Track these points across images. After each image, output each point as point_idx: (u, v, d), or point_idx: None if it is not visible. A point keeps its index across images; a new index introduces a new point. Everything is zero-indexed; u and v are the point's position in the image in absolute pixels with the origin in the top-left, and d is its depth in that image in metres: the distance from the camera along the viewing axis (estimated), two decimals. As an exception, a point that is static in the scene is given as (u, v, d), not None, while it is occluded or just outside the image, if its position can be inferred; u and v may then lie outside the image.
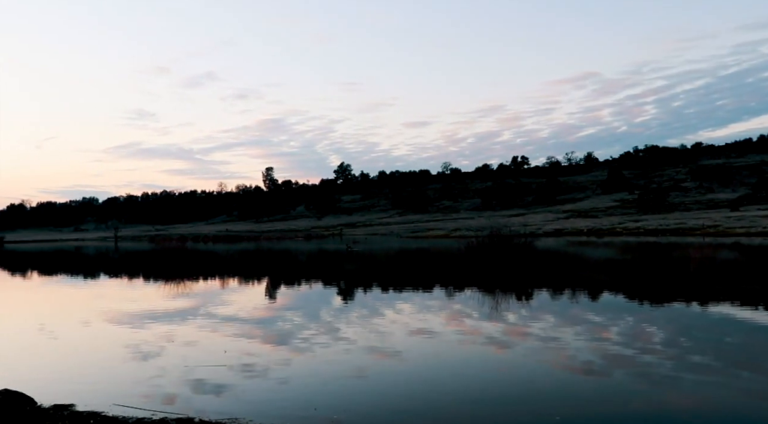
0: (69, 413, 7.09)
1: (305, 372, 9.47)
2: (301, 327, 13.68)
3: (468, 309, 15.90)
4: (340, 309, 16.82)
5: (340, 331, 13.04)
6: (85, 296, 22.90)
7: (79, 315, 16.87)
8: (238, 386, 8.70)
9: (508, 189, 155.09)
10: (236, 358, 10.47)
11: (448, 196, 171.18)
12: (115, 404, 7.67)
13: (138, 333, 13.43)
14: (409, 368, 9.62)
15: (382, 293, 20.74)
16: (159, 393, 8.32)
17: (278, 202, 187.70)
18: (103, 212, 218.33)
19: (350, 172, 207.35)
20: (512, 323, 13.61)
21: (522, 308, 16.25)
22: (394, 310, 16.05)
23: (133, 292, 24.08)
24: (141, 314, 16.57)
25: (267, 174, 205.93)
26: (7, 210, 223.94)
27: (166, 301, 19.56)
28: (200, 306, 17.91)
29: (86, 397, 8.03)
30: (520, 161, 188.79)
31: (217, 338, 12.55)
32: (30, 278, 35.01)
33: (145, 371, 9.73)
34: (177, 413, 7.17)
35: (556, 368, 9.43)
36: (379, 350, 10.92)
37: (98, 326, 14.71)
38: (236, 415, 7.20)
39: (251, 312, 16.44)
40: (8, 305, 21.15)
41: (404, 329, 13.03)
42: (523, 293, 19.26)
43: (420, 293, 20.10)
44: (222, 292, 22.68)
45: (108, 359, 10.87)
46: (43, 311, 18.61)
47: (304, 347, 11.34)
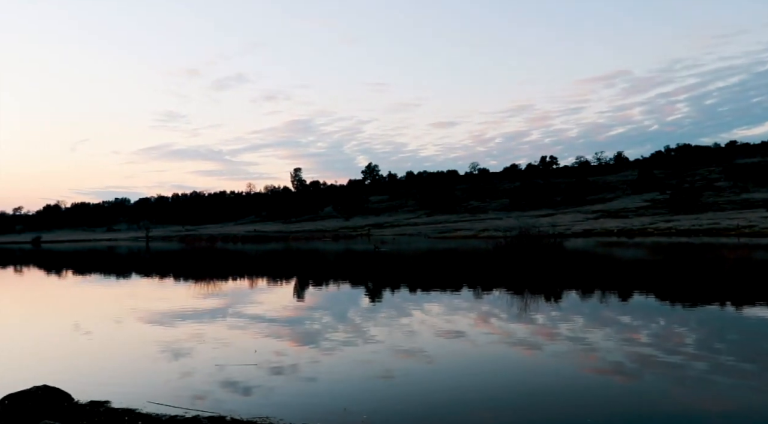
0: (105, 410, 7.26)
1: (334, 372, 9.52)
2: (329, 327, 13.76)
3: (496, 310, 15.82)
4: (367, 310, 16.87)
5: (368, 331, 13.09)
6: (117, 295, 23.34)
7: (112, 314, 17.20)
8: (268, 385, 8.79)
9: (536, 189, 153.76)
10: (265, 357, 10.58)
11: (476, 196, 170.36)
12: (148, 401, 7.82)
13: (169, 332, 13.66)
14: (436, 369, 9.62)
15: (410, 293, 20.74)
16: (190, 391, 8.45)
17: (306, 202, 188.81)
18: (134, 212, 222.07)
19: (378, 172, 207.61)
20: (541, 325, 13.51)
21: (551, 309, 16.11)
22: (422, 310, 16.05)
23: (164, 291, 24.48)
24: (172, 313, 16.84)
25: (295, 175, 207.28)
26: (44, 211, 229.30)
27: (196, 300, 19.84)
28: (229, 306, 18.13)
29: (120, 394, 8.20)
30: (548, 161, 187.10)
31: (246, 338, 12.69)
32: (65, 277, 35.82)
33: (176, 369, 9.89)
34: (209, 412, 7.29)
35: (585, 370, 9.34)
36: (407, 351, 10.93)
37: (130, 325, 14.99)
38: (267, 414, 7.28)
39: (280, 312, 16.58)
40: (45, 304, 21.65)
41: (432, 330, 13.02)
42: (552, 294, 19.09)
43: (448, 294, 20.06)
44: (251, 292, 22.91)
45: (140, 357, 11.08)
46: (78, 310, 19.03)
47: (332, 347, 11.41)
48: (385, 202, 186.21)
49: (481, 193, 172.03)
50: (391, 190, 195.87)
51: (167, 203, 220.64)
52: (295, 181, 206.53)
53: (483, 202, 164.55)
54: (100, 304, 20.80)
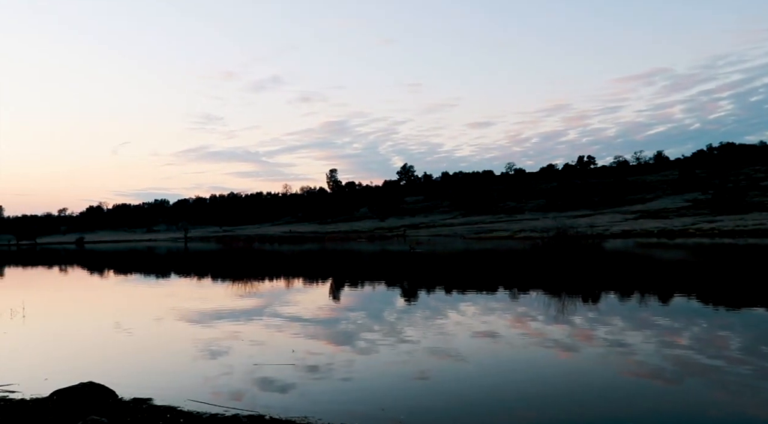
0: (147, 407, 7.44)
1: (370, 373, 9.57)
2: (364, 328, 13.83)
3: (533, 311, 15.68)
4: (403, 310, 16.89)
5: (403, 332, 13.10)
6: (157, 295, 23.84)
7: (152, 313, 17.58)
8: (305, 384, 8.88)
9: (574, 189, 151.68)
10: (302, 357, 10.69)
11: (512, 197, 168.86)
12: (189, 399, 7.98)
13: (207, 331, 13.90)
14: (472, 371, 9.59)
15: (446, 294, 20.68)
16: (228, 390, 8.59)
17: (342, 203, 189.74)
18: (173, 213, 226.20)
19: (413, 173, 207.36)
20: (578, 327, 13.34)
21: (589, 310, 15.89)
22: (458, 311, 16.00)
23: (202, 291, 24.89)
24: (210, 312, 17.13)
25: (331, 176, 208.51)
26: (87, 212, 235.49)
27: (233, 300, 20.14)
28: (266, 306, 18.35)
29: (162, 391, 8.39)
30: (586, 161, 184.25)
31: (282, 337, 12.84)
32: (107, 277, 36.73)
33: (214, 368, 10.07)
34: (248, 410, 7.40)
35: (624, 373, 9.19)
36: (443, 352, 10.92)
37: (170, 324, 15.31)
38: (305, 413, 7.36)
39: (316, 312, 16.72)
40: (89, 303, 22.25)
41: (467, 331, 12.98)
42: (590, 296, 18.83)
43: (484, 295, 19.94)
44: (287, 292, 23.13)
45: (180, 355, 11.31)
46: (120, 309, 19.48)
47: (367, 348, 11.47)
48: (420, 202, 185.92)
49: (518, 193, 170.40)
50: (427, 191, 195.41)
51: (205, 204, 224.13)
52: (330, 182, 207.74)
53: (519, 202, 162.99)
54: (141, 303, 21.28)
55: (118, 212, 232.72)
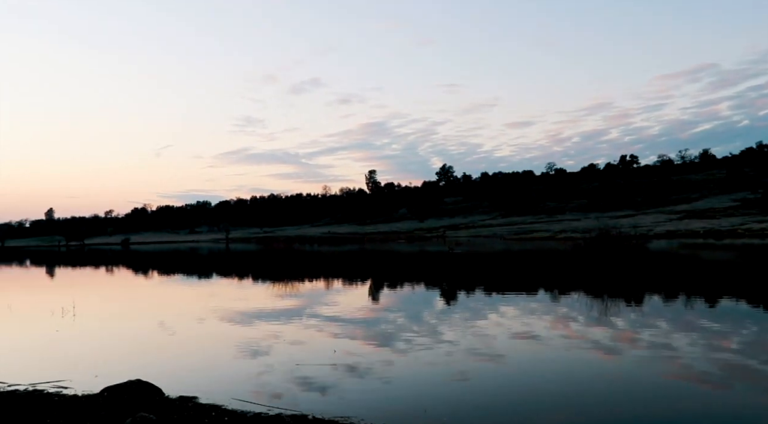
0: (193, 405, 7.61)
1: (410, 373, 9.60)
2: (404, 329, 13.86)
3: (574, 313, 15.47)
4: (442, 311, 16.86)
5: (443, 333, 13.09)
6: (199, 295, 24.31)
7: (195, 313, 17.93)
8: (346, 384, 8.96)
9: (616, 189, 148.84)
10: (342, 357, 10.77)
11: (552, 197, 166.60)
12: (233, 398, 8.13)
13: (249, 331, 14.13)
14: (512, 373, 9.53)
15: (485, 295, 20.57)
16: (269, 389, 8.72)
17: (381, 204, 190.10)
18: (215, 214, 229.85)
19: (452, 173, 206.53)
20: (621, 329, 13.12)
21: (632, 312, 15.61)
22: (498, 313, 15.90)
23: (243, 291, 25.28)
24: (251, 312, 17.40)
25: (370, 177, 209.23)
26: (132, 214, 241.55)
27: (274, 300, 20.40)
28: (306, 306, 18.54)
29: (206, 390, 8.56)
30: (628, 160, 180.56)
31: (322, 338, 12.96)
32: (151, 277, 37.63)
33: (256, 367, 10.24)
34: (291, 410, 7.50)
35: (669, 377, 9.00)
36: (482, 354, 10.87)
37: (212, 324, 15.60)
38: (346, 414, 7.41)
39: (355, 313, 16.82)
40: (135, 302, 22.83)
41: (507, 333, 12.89)
42: (633, 298, 18.48)
43: (524, 296, 19.76)
44: (326, 293, 23.32)
45: (222, 354, 11.52)
46: (164, 308, 19.97)
47: (407, 349, 11.49)
48: (459, 203, 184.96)
49: (558, 193, 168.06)
50: (466, 192, 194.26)
51: (246, 206, 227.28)
52: (369, 183, 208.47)
53: (560, 203, 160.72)
54: (184, 303, 21.74)
55: (161, 214, 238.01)
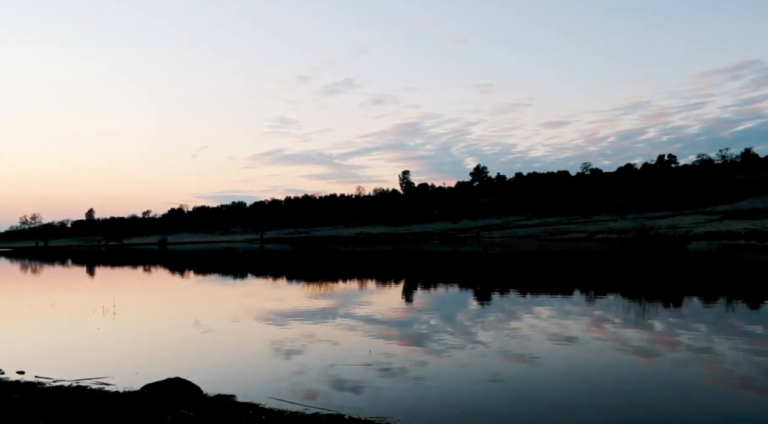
0: (230, 403, 7.75)
1: (445, 375, 9.59)
2: (437, 329, 13.85)
3: (610, 315, 15.26)
4: (476, 313, 16.79)
5: (477, 334, 13.05)
6: (234, 295, 24.64)
7: (230, 312, 18.20)
8: (380, 385, 8.99)
9: (653, 189, 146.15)
10: (376, 358, 10.82)
11: (588, 197, 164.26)
12: (270, 397, 8.24)
13: (283, 331, 14.29)
14: (547, 375, 9.44)
15: (520, 296, 20.40)
16: (305, 388, 8.81)
17: (414, 205, 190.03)
18: (250, 215, 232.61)
19: (486, 174, 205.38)
20: (659, 332, 12.89)
21: (670, 315, 15.33)
22: (532, 314, 15.77)
23: (277, 291, 25.54)
24: (285, 312, 17.58)
25: (403, 177, 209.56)
26: (169, 214, 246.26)
27: (308, 301, 20.57)
28: (340, 306, 18.66)
29: (243, 389, 8.69)
30: (666, 160, 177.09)
31: (356, 338, 13.03)
32: (188, 277, 38.28)
33: (291, 367, 10.35)
34: (327, 410, 7.57)
35: (708, 381, 8.82)
36: (517, 355, 10.81)
37: (247, 323, 15.82)
38: (382, 414, 7.45)
39: (389, 313, 16.86)
40: (172, 301, 23.28)
41: (542, 335, 12.77)
42: (672, 300, 18.14)
43: (559, 298, 19.55)
44: (360, 293, 23.41)
45: (258, 354, 11.68)
46: (200, 308, 20.30)
47: (441, 350, 11.48)
48: (494, 204, 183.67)
49: (594, 194, 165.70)
50: (500, 192, 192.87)
51: (280, 206, 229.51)
52: (403, 183, 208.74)
53: (596, 203, 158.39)
54: (219, 303, 22.07)
55: (197, 214, 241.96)
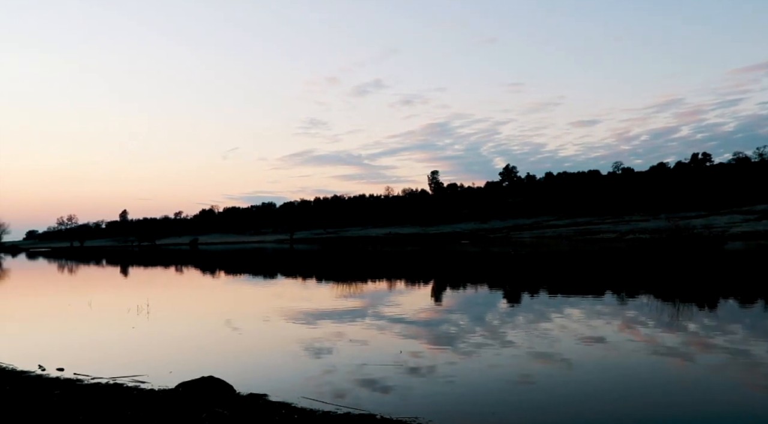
0: (263, 402, 7.86)
1: (475, 375, 9.58)
2: (467, 330, 13.82)
3: (643, 317, 15.05)
4: (505, 313, 16.72)
5: (507, 335, 12.99)
6: (264, 295, 24.90)
7: (260, 312, 18.40)
8: (411, 385, 9.02)
9: (687, 189, 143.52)
10: (406, 358, 10.85)
11: (619, 197, 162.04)
12: (301, 396, 8.33)
13: (313, 331, 14.41)
14: (579, 378, 9.35)
15: (550, 297, 20.24)
16: (335, 388, 8.89)
17: (444, 205, 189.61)
18: (279, 216, 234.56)
19: (516, 174, 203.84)
20: (694, 333, 12.69)
21: (706, 317, 15.06)
22: (562, 315, 15.64)
23: (306, 291, 25.73)
24: (315, 312, 17.72)
25: (432, 178, 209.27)
26: (200, 215, 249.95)
27: (337, 300, 20.69)
28: (369, 306, 18.73)
29: (275, 388, 8.80)
30: (701, 158, 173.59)
31: (386, 338, 13.08)
32: (219, 277, 38.79)
33: (322, 366, 10.44)
34: (359, 409, 7.63)
35: (748, 386, 8.65)
36: (547, 357, 10.74)
37: (277, 323, 15.99)
38: (414, 414, 7.47)
39: (418, 314, 16.88)
40: (203, 301, 23.64)
41: (573, 336, 12.66)
42: (707, 301, 17.82)
43: (590, 299, 19.35)
44: (389, 293, 23.46)
45: (288, 353, 11.79)
46: (231, 307, 20.58)
47: (470, 350, 11.47)
48: (523, 204, 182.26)
49: (625, 193, 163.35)
50: (530, 192, 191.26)
51: (310, 207, 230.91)
52: (432, 184, 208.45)
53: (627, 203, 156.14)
54: (250, 302, 22.34)
55: (228, 215, 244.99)
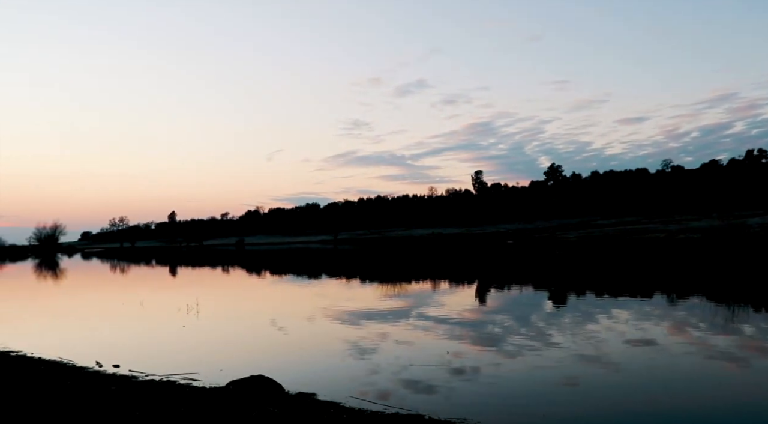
0: (312, 401, 8.01)
1: (520, 377, 9.55)
2: (512, 331, 13.77)
3: (694, 319, 14.71)
4: (551, 314, 16.57)
5: (553, 336, 12.89)
6: (309, 294, 25.20)
7: (305, 311, 18.66)
8: (456, 386, 9.05)
9: (741, 187, 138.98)
10: (451, 358, 10.88)
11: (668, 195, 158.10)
12: (350, 396, 8.46)
13: (358, 330, 14.56)
14: (627, 381, 9.20)
15: (596, 298, 19.95)
16: (381, 388, 8.98)
17: (487, 205, 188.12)
18: (323, 216, 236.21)
19: (561, 173, 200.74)
20: (749, 337, 12.34)
21: (763, 320, 14.63)
22: (609, 316, 15.41)
23: (351, 291, 25.95)
24: (359, 312, 17.88)
25: (476, 177, 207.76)
26: (246, 216, 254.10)
27: (381, 301, 20.81)
28: (413, 307, 18.79)
29: (322, 387, 8.94)
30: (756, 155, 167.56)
31: (431, 338, 13.12)
32: (264, 277, 39.42)
33: (368, 366, 10.56)
34: (407, 410, 7.71)
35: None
36: (593, 359, 10.61)
37: (322, 323, 16.21)
38: (462, 415, 7.50)
39: (463, 314, 16.86)
40: (250, 301, 24.10)
41: (620, 338, 12.47)
42: (764, 303, 17.29)
43: (638, 300, 19.00)
44: (433, 293, 23.48)
45: (335, 352, 11.96)
46: (277, 307, 20.94)
47: (515, 351, 11.42)
48: (568, 203, 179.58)
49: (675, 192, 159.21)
50: (575, 191, 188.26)
51: (353, 208, 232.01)
52: (476, 183, 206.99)
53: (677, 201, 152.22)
54: (295, 302, 22.66)
55: (273, 216, 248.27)
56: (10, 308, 24.78)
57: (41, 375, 9.77)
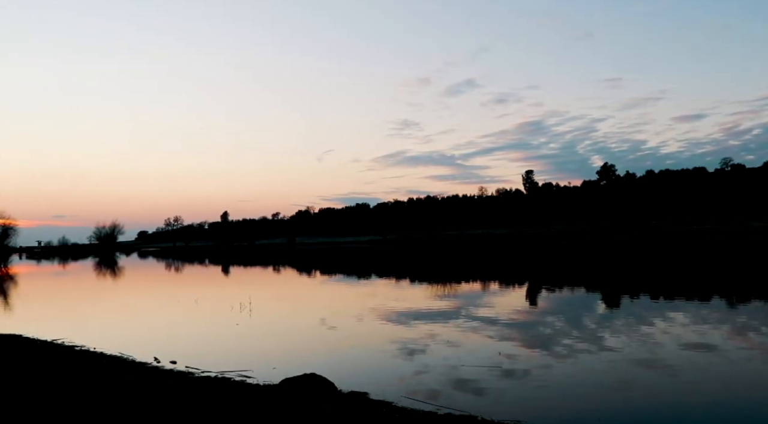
0: (364, 401, 8.11)
1: (572, 379, 9.42)
2: (563, 333, 13.59)
3: (755, 322, 14.21)
4: (603, 316, 16.26)
5: (605, 339, 12.66)
6: (358, 294, 25.40)
7: (355, 311, 18.83)
8: (507, 387, 9.01)
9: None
10: (502, 360, 10.83)
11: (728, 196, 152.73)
12: (402, 396, 8.52)
13: (407, 331, 14.63)
14: (682, 387, 8.94)
15: (651, 300, 19.47)
16: (432, 388, 9.01)
17: (538, 205, 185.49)
18: (373, 216, 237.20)
19: (614, 172, 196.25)
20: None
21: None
22: (665, 319, 15.02)
23: (400, 292, 26.01)
24: (409, 312, 17.94)
25: (527, 177, 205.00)
26: (296, 216, 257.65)
27: (430, 301, 20.83)
28: (462, 307, 18.73)
29: (374, 386, 9.02)
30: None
31: (481, 339, 13.07)
32: (314, 276, 39.92)
33: (418, 366, 10.61)
34: (460, 411, 7.72)
35: None
36: (648, 362, 10.37)
37: (372, 322, 16.33)
38: (515, 417, 7.46)
39: (513, 315, 16.72)
40: (300, 299, 24.46)
41: (676, 341, 12.14)
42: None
43: (695, 302, 18.46)
44: (482, 294, 23.33)
45: (385, 352, 12.04)
46: (327, 306, 21.16)
47: (567, 354, 11.28)
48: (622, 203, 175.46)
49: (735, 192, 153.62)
50: (630, 191, 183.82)
51: (403, 207, 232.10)
52: (526, 183, 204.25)
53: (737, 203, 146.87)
54: (345, 301, 22.89)
55: (323, 216, 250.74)
56: (73, 304, 25.87)
57: (105, 370, 10.18)
